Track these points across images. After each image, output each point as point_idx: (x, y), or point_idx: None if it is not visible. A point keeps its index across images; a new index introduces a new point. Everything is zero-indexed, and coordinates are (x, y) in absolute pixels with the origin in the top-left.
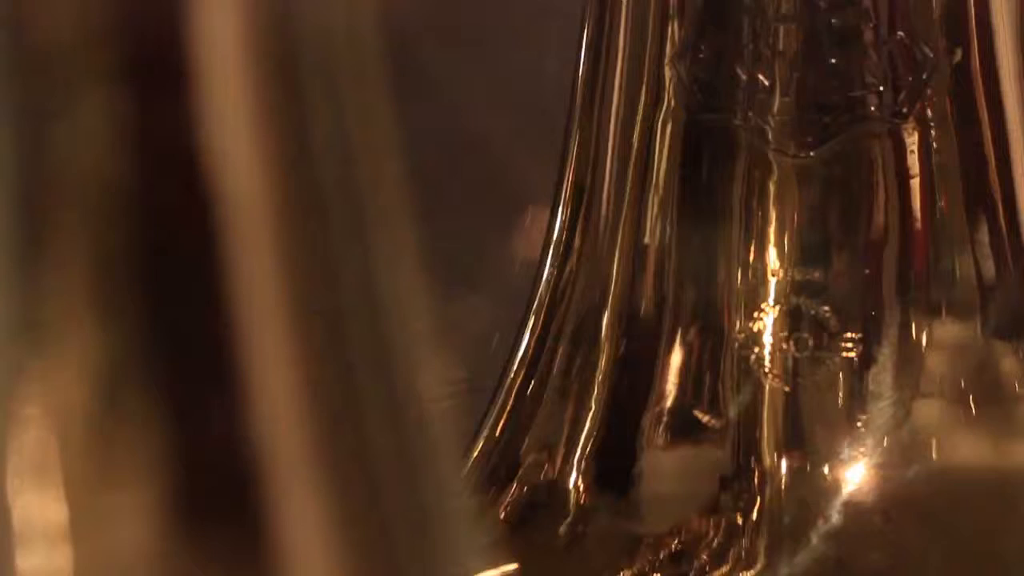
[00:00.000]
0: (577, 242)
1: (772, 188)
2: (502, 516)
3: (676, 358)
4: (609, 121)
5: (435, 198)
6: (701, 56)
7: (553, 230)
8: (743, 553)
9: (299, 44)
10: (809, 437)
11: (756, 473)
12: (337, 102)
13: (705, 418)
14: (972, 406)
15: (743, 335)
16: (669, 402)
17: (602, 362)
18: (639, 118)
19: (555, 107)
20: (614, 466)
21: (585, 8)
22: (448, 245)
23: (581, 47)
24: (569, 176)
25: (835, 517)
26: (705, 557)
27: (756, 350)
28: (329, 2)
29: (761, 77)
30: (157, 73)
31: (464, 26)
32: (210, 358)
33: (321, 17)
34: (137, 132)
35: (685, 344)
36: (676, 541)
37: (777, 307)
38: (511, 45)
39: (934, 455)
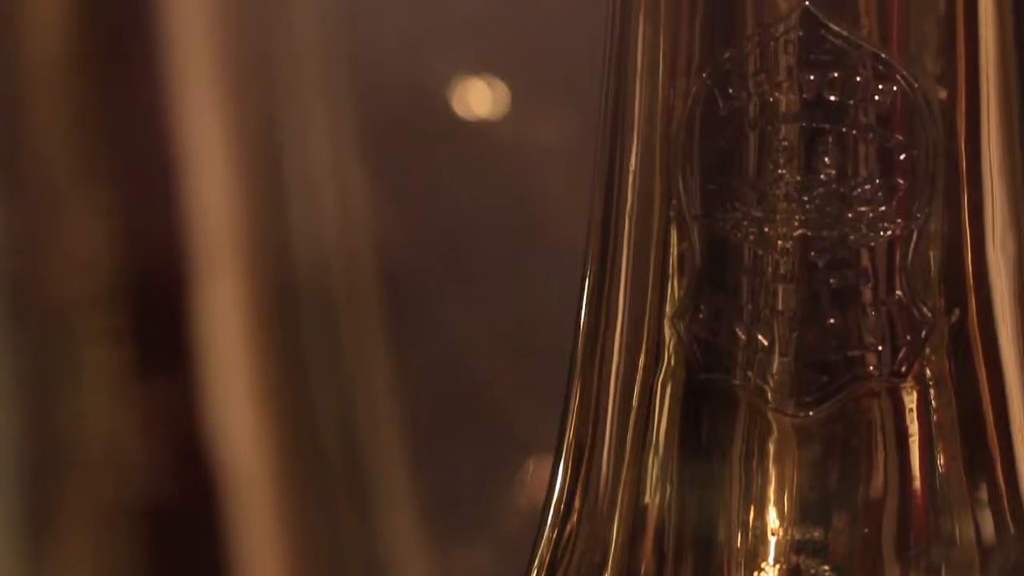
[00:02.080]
0: (577, 503)
1: (771, 447)
2: None
3: None
4: (609, 379)
5: (435, 445)
6: (701, 316)
7: (554, 489)
8: None
9: (299, 301)
10: None
11: None
12: (337, 357)
13: None
14: None
15: None
16: None
17: None
18: (639, 377)
19: (556, 349)
20: None
21: (586, 262)
22: (448, 496)
23: (582, 299)
24: (570, 434)
25: None
26: None
27: None
28: (327, 254)
29: (760, 337)
30: (159, 337)
31: (464, 265)
32: None
33: (320, 268)
34: (139, 397)
35: None
36: None
37: (777, 566)
38: (512, 285)
39: None
